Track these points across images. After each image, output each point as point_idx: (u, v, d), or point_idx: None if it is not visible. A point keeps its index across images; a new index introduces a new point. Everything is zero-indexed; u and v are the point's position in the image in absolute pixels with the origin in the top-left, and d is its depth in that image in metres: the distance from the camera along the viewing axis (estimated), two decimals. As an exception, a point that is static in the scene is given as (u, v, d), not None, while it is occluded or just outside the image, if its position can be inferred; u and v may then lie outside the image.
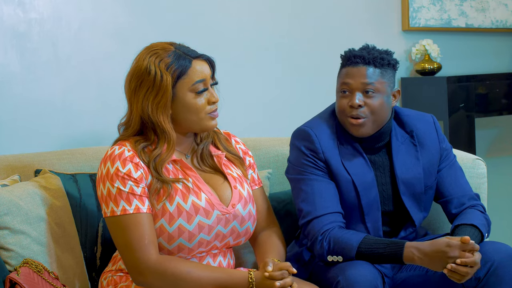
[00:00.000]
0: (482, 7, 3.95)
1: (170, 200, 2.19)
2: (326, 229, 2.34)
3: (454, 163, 2.55)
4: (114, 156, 2.19)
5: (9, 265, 2.27)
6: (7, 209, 2.30)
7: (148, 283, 2.16)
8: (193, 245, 2.21)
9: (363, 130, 2.40)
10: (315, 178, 2.41)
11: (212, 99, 2.25)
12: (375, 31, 3.66)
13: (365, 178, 2.43)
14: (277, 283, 2.09)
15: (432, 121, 2.56)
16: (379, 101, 2.39)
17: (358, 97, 2.38)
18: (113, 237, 2.19)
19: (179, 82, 2.21)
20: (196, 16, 3.22)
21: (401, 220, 2.50)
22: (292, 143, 2.49)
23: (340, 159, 2.43)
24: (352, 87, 2.39)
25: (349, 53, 2.42)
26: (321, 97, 3.46)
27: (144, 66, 2.21)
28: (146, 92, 2.20)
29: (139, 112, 2.21)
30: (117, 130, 2.30)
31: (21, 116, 2.87)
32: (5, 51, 2.84)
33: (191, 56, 2.23)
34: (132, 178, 2.17)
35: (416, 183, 2.47)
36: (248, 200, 2.33)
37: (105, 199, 2.18)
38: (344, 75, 2.42)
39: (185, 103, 2.22)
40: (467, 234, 2.31)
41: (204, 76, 2.24)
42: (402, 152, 2.48)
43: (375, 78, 2.38)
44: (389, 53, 2.44)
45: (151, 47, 2.26)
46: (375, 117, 2.40)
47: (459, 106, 3.61)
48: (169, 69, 2.20)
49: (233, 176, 2.34)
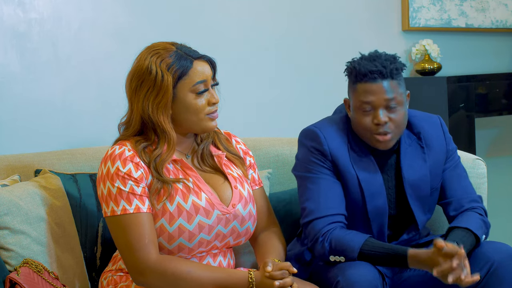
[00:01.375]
0: (482, 7, 3.94)
1: (171, 200, 2.19)
2: (327, 230, 2.34)
3: (458, 164, 2.53)
4: (115, 156, 2.19)
5: (9, 265, 2.27)
6: (7, 209, 2.30)
7: (148, 283, 2.16)
8: (193, 245, 2.21)
9: (389, 144, 2.37)
10: (322, 177, 2.40)
11: (213, 100, 2.25)
12: (375, 31, 3.66)
13: (374, 182, 2.40)
14: (277, 282, 2.09)
15: (439, 122, 2.54)
16: (402, 113, 2.35)
17: (383, 114, 2.32)
18: (113, 237, 2.20)
19: (180, 83, 2.21)
20: (196, 16, 3.21)
21: (404, 223, 2.48)
22: (300, 141, 2.47)
23: (350, 161, 2.41)
24: (375, 105, 2.33)
25: (364, 68, 2.33)
26: (321, 97, 3.47)
27: (145, 66, 2.21)
28: (147, 92, 2.20)
29: (140, 112, 2.21)
30: (118, 130, 2.30)
31: (21, 116, 2.87)
32: (5, 51, 2.84)
33: (192, 57, 2.23)
34: (133, 178, 2.17)
35: (422, 185, 2.45)
36: (248, 200, 2.33)
37: (105, 198, 2.18)
38: (363, 92, 2.33)
39: (185, 104, 2.22)
40: (457, 237, 2.30)
41: (205, 77, 2.23)
42: (409, 154, 2.46)
43: (395, 91, 2.33)
44: (397, 59, 2.38)
45: (153, 46, 2.26)
46: (400, 129, 2.36)
47: (459, 106, 3.60)
48: (170, 69, 2.19)
49: (233, 176, 2.34)
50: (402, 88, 2.37)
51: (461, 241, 2.28)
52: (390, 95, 2.32)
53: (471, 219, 2.38)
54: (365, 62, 2.34)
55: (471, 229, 2.33)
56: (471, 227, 2.34)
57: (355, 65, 2.36)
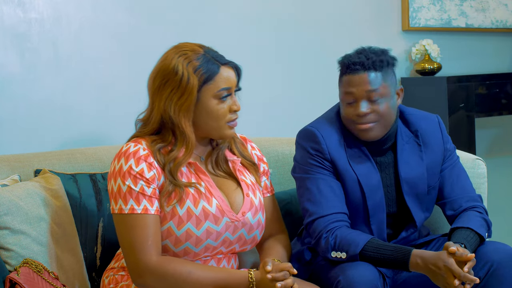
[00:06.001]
0: (482, 7, 3.95)
1: (181, 203, 2.18)
2: (333, 227, 2.34)
3: (456, 164, 2.53)
4: (129, 154, 2.18)
5: (9, 265, 2.27)
6: (7, 209, 2.30)
7: (147, 284, 2.15)
8: (199, 250, 2.20)
9: (372, 134, 2.38)
10: (321, 177, 2.40)
11: (234, 107, 2.23)
12: (375, 31, 3.66)
13: (371, 180, 2.41)
14: (278, 284, 2.08)
15: (437, 121, 2.54)
16: (385, 105, 2.36)
17: (364, 106, 2.35)
18: (117, 234, 2.19)
19: (205, 87, 2.19)
20: (196, 16, 3.21)
21: (403, 221, 2.49)
22: (298, 142, 2.47)
23: (347, 159, 2.41)
24: (356, 96, 2.36)
25: (347, 60, 2.37)
26: (322, 97, 3.46)
27: (171, 66, 2.18)
28: (171, 92, 2.18)
29: (161, 111, 2.19)
30: (134, 126, 2.28)
31: (21, 116, 2.87)
32: (5, 51, 2.84)
33: (219, 62, 2.22)
34: (144, 178, 2.15)
35: (419, 183, 2.46)
36: (258, 209, 2.31)
37: (114, 195, 2.17)
38: (346, 84, 2.38)
39: (207, 108, 2.20)
40: (461, 237, 2.30)
41: (230, 84, 2.22)
42: (406, 151, 2.47)
43: (378, 83, 2.35)
44: (385, 52, 2.40)
45: (180, 47, 2.23)
46: (383, 120, 2.37)
47: (459, 106, 3.60)
48: (197, 72, 2.17)
49: (246, 183, 2.32)
50: (389, 81, 2.37)
51: (466, 240, 2.28)
52: (371, 86, 2.34)
53: (472, 218, 2.39)
54: (352, 55, 2.39)
55: (473, 228, 2.34)
56: (473, 226, 2.35)
57: (343, 58, 2.40)
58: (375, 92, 2.34)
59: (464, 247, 2.26)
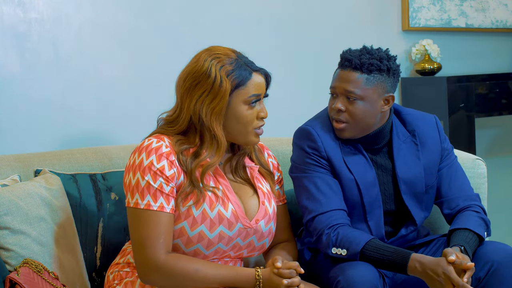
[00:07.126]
0: (482, 7, 3.95)
1: (197, 205, 2.18)
2: (335, 223, 2.34)
3: (453, 163, 2.54)
4: (151, 149, 2.17)
5: (9, 265, 2.27)
6: (7, 209, 2.30)
7: (154, 281, 2.15)
8: (209, 253, 2.21)
9: (344, 134, 2.41)
10: (318, 175, 2.41)
11: (262, 114, 2.24)
12: (375, 31, 3.66)
13: (367, 176, 2.43)
14: (285, 281, 2.09)
15: (434, 120, 2.55)
16: (361, 108, 2.37)
17: (340, 102, 2.39)
18: (130, 229, 2.18)
19: (236, 92, 2.19)
20: (196, 16, 3.21)
21: (403, 219, 2.49)
22: (295, 142, 2.49)
23: (342, 157, 2.43)
24: (336, 91, 2.41)
25: (343, 54, 2.41)
26: (322, 97, 3.45)
27: (204, 68, 2.18)
28: (202, 94, 2.18)
29: (190, 112, 2.19)
30: (156, 123, 2.28)
31: (21, 116, 2.87)
32: (5, 51, 2.84)
33: (251, 68, 2.23)
34: (164, 176, 2.15)
35: (417, 183, 2.46)
36: (272, 218, 2.32)
37: (132, 189, 2.16)
38: (334, 76, 2.43)
39: (236, 114, 2.20)
40: (460, 238, 2.30)
41: (260, 91, 2.23)
42: (403, 151, 2.47)
43: (360, 85, 2.36)
44: (385, 58, 2.39)
45: (213, 50, 2.23)
46: (356, 122, 2.39)
47: (459, 106, 3.61)
48: (230, 76, 2.18)
49: (263, 191, 2.33)
50: (374, 86, 2.37)
51: (465, 242, 2.28)
52: (351, 87, 2.37)
53: (470, 219, 2.39)
54: (351, 51, 2.42)
55: (472, 229, 2.33)
56: (471, 226, 2.35)
57: (344, 51, 2.43)
58: (352, 93, 2.36)
59: (464, 249, 2.26)
